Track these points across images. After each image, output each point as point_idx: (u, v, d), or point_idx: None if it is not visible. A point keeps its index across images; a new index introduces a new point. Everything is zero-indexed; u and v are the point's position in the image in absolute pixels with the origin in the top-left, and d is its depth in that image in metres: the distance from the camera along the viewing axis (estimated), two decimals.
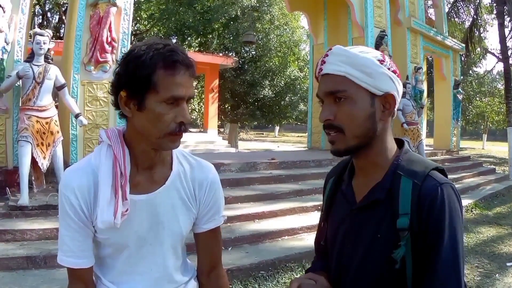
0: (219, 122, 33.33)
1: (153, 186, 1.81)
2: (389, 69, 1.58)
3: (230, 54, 30.99)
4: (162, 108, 1.62)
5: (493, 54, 35.41)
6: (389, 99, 1.59)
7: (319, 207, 8.58)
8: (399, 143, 1.73)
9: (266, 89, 33.09)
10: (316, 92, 1.66)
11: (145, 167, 1.80)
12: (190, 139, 20.57)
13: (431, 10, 24.81)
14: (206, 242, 2.02)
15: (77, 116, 7.81)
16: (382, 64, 1.57)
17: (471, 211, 10.77)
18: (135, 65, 1.61)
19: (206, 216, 1.96)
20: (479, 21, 30.42)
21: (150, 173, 1.81)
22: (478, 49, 31.93)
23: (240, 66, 31.15)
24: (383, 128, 1.63)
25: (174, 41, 33.40)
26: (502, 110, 41.18)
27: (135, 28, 33.39)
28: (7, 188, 7.57)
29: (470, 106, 43.79)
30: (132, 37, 23.45)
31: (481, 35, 31.83)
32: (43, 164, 7.47)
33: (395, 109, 1.64)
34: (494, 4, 26.76)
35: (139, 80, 1.60)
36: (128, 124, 1.77)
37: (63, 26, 29.52)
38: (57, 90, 7.76)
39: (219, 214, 2.00)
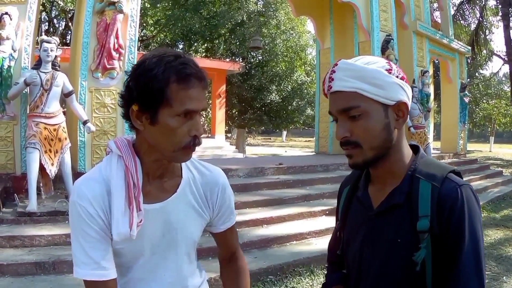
0: (227, 128, 33.38)
1: (164, 194, 1.80)
2: (397, 77, 1.57)
3: (236, 60, 31.07)
4: (175, 122, 1.61)
5: (499, 56, 35.28)
6: (401, 107, 1.59)
7: (327, 212, 8.60)
8: (414, 148, 1.73)
9: (273, 94, 33.18)
10: (329, 109, 1.65)
11: (156, 177, 1.80)
12: None
13: (436, 13, 24.78)
14: (225, 238, 2.09)
15: (85, 122, 7.84)
16: (390, 73, 1.56)
17: None
18: (147, 79, 1.58)
19: (222, 218, 2.01)
20: (485, 23, 30.39)
21: (161, 182, 1.81)
22: (484, 51, 31.83)
23: (247, 71, 31.24)
24: (398, 136, 1.63)
25: (180, 46, 33.55)
26: (509, 112, 41.20)
27: (142, 34, 33.52)
28: (16, 194, 7.61)
29: (477, 109, 43.62)
30: (139, 43, 23.54)
31: (487, 37, 31.75)
32: (51, 170, 7.49)
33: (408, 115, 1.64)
34: (499, 6, 26.75)
35: (152, 94, 1.58)
36: (139, 136, 1.75)
37: (69, 32, 29.67)
38: (65, 97, 7.78)
39: (234, 213, 2.07)
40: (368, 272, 1.69)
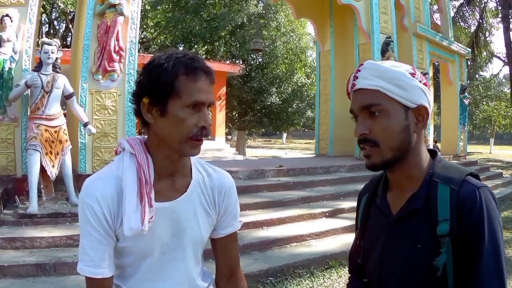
0: (227, 130, 33.39)
1: (175, 193, 1.83)
2: (420, 81, 1.59)
3: (237, 62, 31.05)
4: (184, 113, 1.66)
5: (499, 58, 35.33)
6: (422, 111, 1.60)
7: (327, 214, 8.62)
8: (432, 153, 1.74)
9: (273, 96, 33.14)
10: (350, 107, 1.67)
11: (166, 175, 1.82)
12: None
13: (436, 15, 24.82)
14: (225, 247, 2.06)
15: (85, 124, 7.85)
16: (413, 77, 1.58)
17: None
18: (158, 73, 1.65)
19: (225, 222, 2.00)
20: (485, 25, 30.43)
21: (171, 181, 1.84)
22: (484, 53, 31.87)
23: (247, 73, 31.19)
24: (417, 141, 1.63)
25: (181, 49, 33.57)
26: (509, 114, 41.22)
27: (142, 36, 33.49)
28: (16, 196, 7.62)
29: (477, 111, 43.63)
30: (139, 45, 23.55)
31: (487, 39, 31.82)
32: (52, 172, 7.51)
33: (428, 121, 1.65)
34: (499, 8, 26.78)
35: (162, 86, 1.65)
36: (149, 132, 1.79)
37: (70, 34, 29.68)
38: (66, 99, 7.80)
39: (237, 219, 2.05)
40: (389, 279, 1.69)
